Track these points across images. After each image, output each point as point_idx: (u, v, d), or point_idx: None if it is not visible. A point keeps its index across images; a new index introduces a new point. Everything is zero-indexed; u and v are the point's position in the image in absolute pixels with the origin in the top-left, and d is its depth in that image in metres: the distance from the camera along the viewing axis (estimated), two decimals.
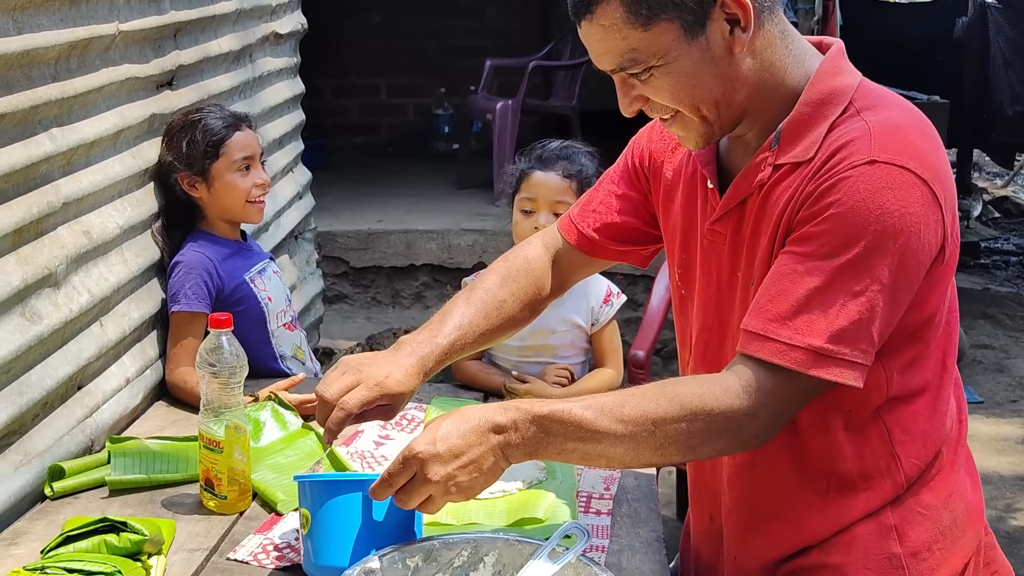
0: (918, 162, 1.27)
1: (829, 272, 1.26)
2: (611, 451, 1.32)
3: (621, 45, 1.33)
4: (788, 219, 1.33)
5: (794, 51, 1.39)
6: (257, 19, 3.06)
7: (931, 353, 1.39)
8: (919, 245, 1.26)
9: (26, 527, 1.70)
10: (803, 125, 1.35)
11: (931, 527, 1.42)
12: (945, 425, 1.44)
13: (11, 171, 1.80)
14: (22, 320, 1.82)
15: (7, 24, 1.78)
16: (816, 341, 1.26)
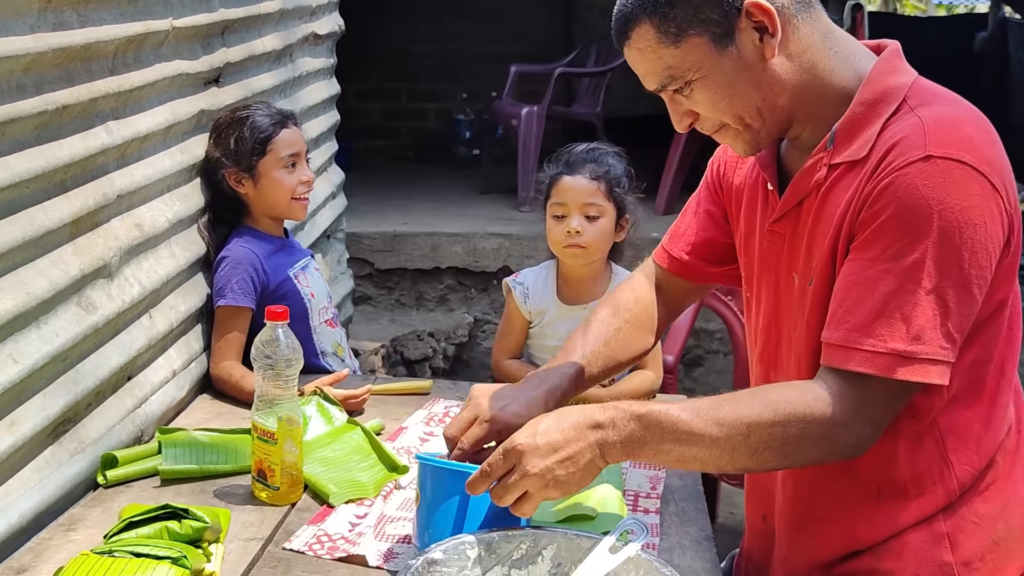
0: (974, 155, 1.27)
1: (899, 274, 1.27)
2: (706, 454, 1.33)
3: (658, 64, 1.39)
4: (850, 222, 1.33)
5: (842, 52, 1.40)
6: (298, 19, 3.09)
7: (991, 356, 1.39)
8: (986, 237, 1.27)
9: (82, 513, 1.72)
10: (857, 124, 1.36)
11: (985, 537, 1.41)
12: (1001, 433, 1.43)
13: (71, 162, 1.82)
14: (78, 310, 1.83)
15: (72, 17, 1.81)
16: (899, 345, 1.27)
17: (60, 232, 1.80)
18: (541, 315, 2.33)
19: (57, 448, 1.77)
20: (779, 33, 1.35)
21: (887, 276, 1.28)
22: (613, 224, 2.26)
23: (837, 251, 1.36)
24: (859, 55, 1.41)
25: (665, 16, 1.36)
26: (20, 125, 1.68)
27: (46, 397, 1.73)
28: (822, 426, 1.30)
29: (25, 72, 1.69)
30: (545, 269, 2.37)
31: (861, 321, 1.29)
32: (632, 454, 1.36)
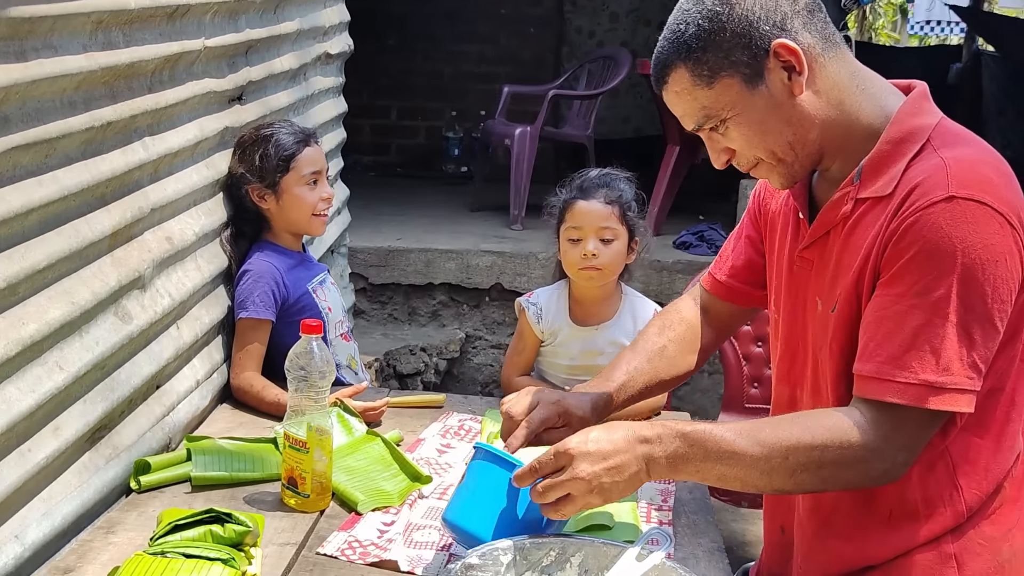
0: (993, 196, 1.35)
1: (927, 308, 1.35)
2: (746, 473, 1.41)
3: (694, 105, 1.49)
4: (876, 257, 1.42)
5: (870, 91, 1.49)
6: (312, 39, 3.17)
7: (1003, 387, 1.46)
8: (1007, 273, 1.35)
9: (119, 517, 1.78)
10: (883, 161, 1.45)
11: (990, 559, 1.48)
12: (1009, 461, 1.50)
13: (112, 176, 1.89)
14: (116, 319, 1.90)
15: (119, 37, 1.88)
16: (929, 376, 1.35)
17: (100, 244, 1.86)
18: (554, 335, 2.41)
19: (94, 454, 1.83)
20: (806, 71, 1.44)
21: (915, 311, 1.36)
22: (626, 246, 2.35)
23: (863, 283, 1.44)
24: (887, 93, 1.50)
25: (698, 60, 1.45)
26: (69, 140, 1.75)
27: (86, 404, 1.79)
28: (858, 452, 1.38)
29: (76, 90, 1.76)
30: (557, 290, 2.45)
31: (893, 354, 1.37)
32: (675, 470, 1.45)
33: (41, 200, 1.66)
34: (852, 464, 1.40)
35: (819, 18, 1.48)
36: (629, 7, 7.69)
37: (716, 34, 1.44)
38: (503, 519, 1.53)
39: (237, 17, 2.47)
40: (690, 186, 5.83)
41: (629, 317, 2.40)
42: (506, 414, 1.68)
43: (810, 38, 1.45)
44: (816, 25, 1.47)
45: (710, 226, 5.18)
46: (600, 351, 2.38)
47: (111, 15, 1.82)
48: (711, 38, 1.45)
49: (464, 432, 2.24)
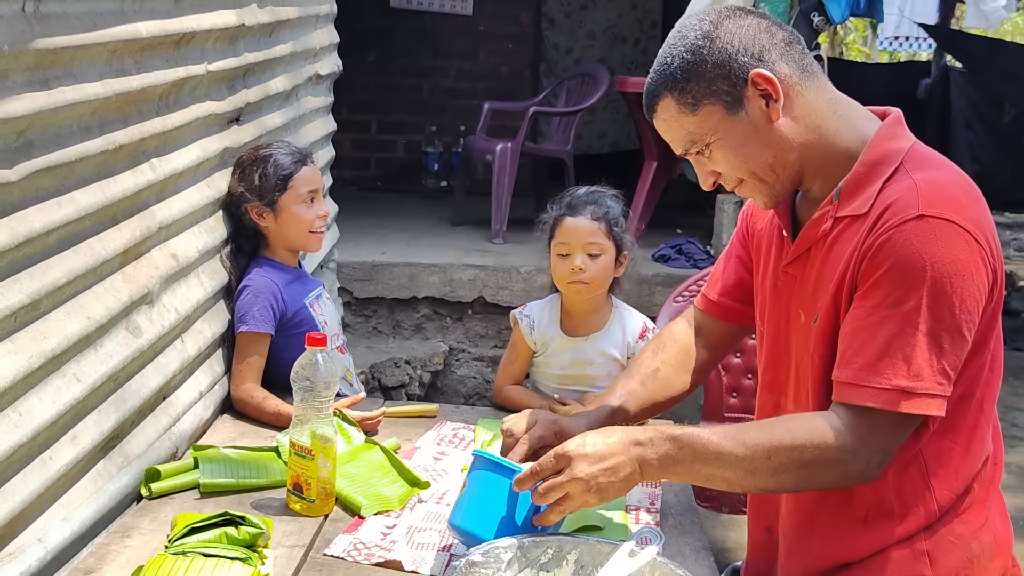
0: (961, 215, 1.46)
1: (899, 318, 1.46)
2: (732, 473, 1.52)
3: (680, 131, 1.62)
4: (852, 271, 1.53)
5: (847, 116, 1.61)
6: (304, 61, 3.26)
7: (973, 393, 1.57)
8: (973, 286, 1.46)
9: (133, 522, 1.86)
10: (860, 183, 1.56)
11: (960, 555, 1.59)
12: (977, 463, 1.60)
13: (123, 197, 1.98)
14: (127, 334, 1.98)
15: (131, 64, 1.97)
16: (902, 382, 1.46)
17: (113, 262, 1.95)
18: (545, 345, 2.51)
19: (107, 462, 1.91)
20: (782, 98, 1.56)
21: (888, 321, 1.47)
22: (613, 261, 2.45)
23: (841, 296, 1.55)
24: (864, 119, 1.62)
25: (683, 90, 1.58)
26: (86, 163, 1.84)
27: (101, 414, 1.88)
28: (835, 453, 1.49)
29: (92, 115, 1.85)
30: (549, 303, 2.55)
31: (868, 361, 1.48)
32: (667, 471, 1.56)
33: (60, 220, 1.75)
34: (830, 464, 1.50)
35: (796, 50, 1.60)
36: (606, 24, 7.83)
37: (698, 66, 1.57)
38: (505, 521, 1.63)
39: (236, 42, 2.56)
40: (668, 200, 5.96)
41: (619, 329, 2.51)
42: (507, 432, 1.80)
43: (787, 68, 1.58)
44: (793, 56, 1.59)
45: (688, 239, 5.30)
46: (590, 361, 2.49)
47: (124, 44, 1.91)
48: (694, 69, 1.57)
49: (458, 440, 2.33)
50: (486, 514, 1.64)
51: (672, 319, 3.39)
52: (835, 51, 15.25)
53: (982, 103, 8.16)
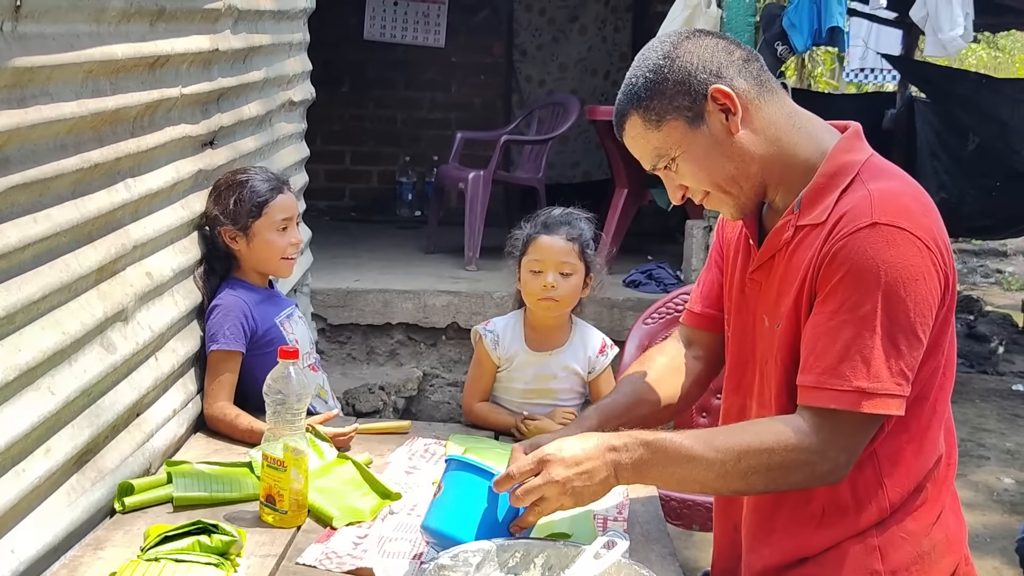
0: (911, 222, 1.53)
1: (856, 323, 1.53)
2: (704, 475, 1.58)
3: (647, 147, 1.70)
4: (811, 277, 1.59)
5: (806, 129, 1.68)
6: (277, 87, 3.31)
7: (927, 395, 1.63)
8: (926, 290, 1.53)
9: (106, 535, 1.88)
10: (819, 193, 1.64)
11: (911, 550, 1.65)
12: (929, 463, 1.66)
13: (98, 215, 2.01)
14: (101, 349, 2.01)
15: (106, 85, 2.01)
16: (862, 383, 1.52)
17: (88, 278, 1.98)
18: (510, 360, 2.56)
19: (81, 476, 1.93)
20: (740, 111, 1.63)
21: (846, 326, 1.54)
22: (582, 281, 2.51)
23: (801, 302, 1.62)
24: (824, 132, 1.69)
25: (647, 107, 1.66)
26: (61, 181, 1.87)
27: (75, 428, 1.90)
28: (802, 455, 1.55)
29: (68, 134, 1.89)
30: (513, 318, 2.60)
31: (829, 365, 1.55)
32: (641, 475, 1.61)
33: (36, 236, 1.78)
34: (799, 467, 1.56)
35: (754, 67, 1.68)
36: (577, 57, 7.95)
37: (660, 84, 1.65)
38: (482, 523, 1.66)
39: (211, 67, 2.61)
40: (639, 228, 6.04)
41: (580, 344, 2.57)
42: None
43: (744, 84, 1.65)
44: (751, 72, 1.66)
45: (658, 265, 5.37)
46: (553, 375, 2.54)
47: (100, 65, 1.96)
48: (656, 88, 1.65)
49: (429, 455, 2.36)
50: (462, 516, 1.67)
51: (642, 340, 3.47)
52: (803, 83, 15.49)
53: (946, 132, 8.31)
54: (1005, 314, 8.38)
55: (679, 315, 3.47)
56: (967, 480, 4.78)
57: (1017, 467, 4.98)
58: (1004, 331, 7.83)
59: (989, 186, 7.84)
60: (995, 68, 18.49)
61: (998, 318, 8.22)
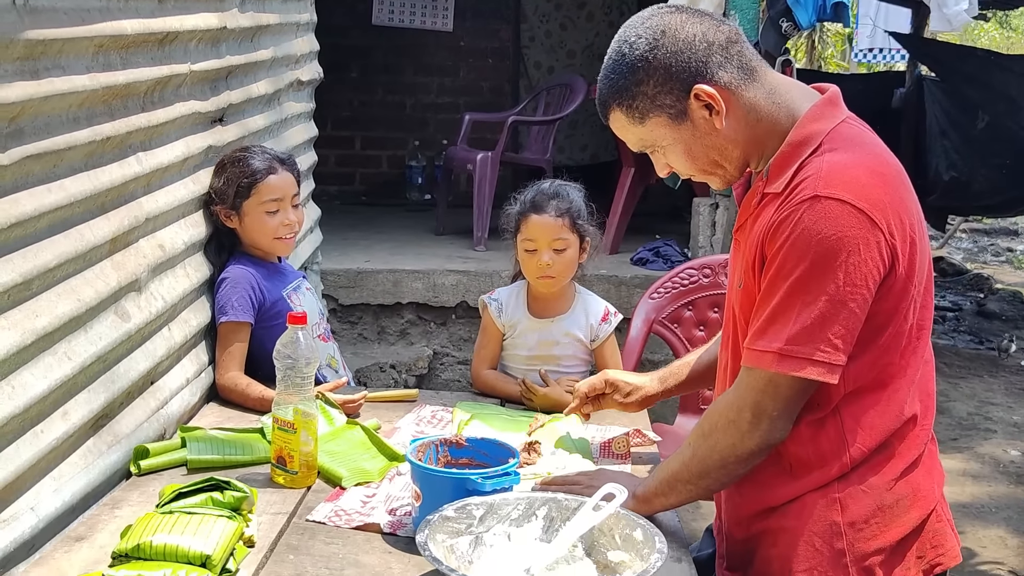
0: (856, 194, 1.57)
1: (784, 289, 1.60)
2: (686, 492, 1.78)
3: (632, 138, 1.77)
4: (762, 244, 1.65)
5: (784, 101, 1.70)
6: (285, 67, 3.36)
7: (892, 360, 1.67)
8: (860, 261, 1.56)
9: (123, 496, 1.94)
10: (784, 162, 1.67)
11: (870, 503, 1.69)
12: (895, 422, 1.70)
13: (110, 187, 2.07)
14: (116, 318, 2.07)
15: (117, 60, 2.06)
16: (777, 344, 1.60)
17: (102, 248, 2.04)
18: (513, 327, 2.61)
19: (97, 440, 1.99)
20: (724, 109, 1.67)
21: (776, 291, 1.61)
22: (577, 251, 2.56)
23: (755, 267, 1.68)
24: (801, 100, 1.70)
25: (630, 105, 1.71)
26: (74, 153, 1.93)
27: (91, 393, 1.96)
28: (730, 413, 1.68)
29: (80, 107, 1.94)
30: (517, 287, 2.66)
31: (758, 328, 1.63)
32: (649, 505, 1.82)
33: (50, 206, 1.84)
34: (727, 426, 1.68)
35: (736, 49, 1.69)
36: (584, 44, 7.97)
37: (642, 83, 1.69)
38: None
39: (219, 44, 2.66)
40: (647, 208, 6.07)
41: (582, 312, 2.62)
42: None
43: (727, 74, 1.67)
44: (733, 58, 1.68)
45: (666, 242, 5.41)
46: (556, 341, 2.59)
47: (111, 39, 2.01)
48: (638, 87, 1.69)
49: (437, 421, 2.42)
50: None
51: (649, 315, 3.51)
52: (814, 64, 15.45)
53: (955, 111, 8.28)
54: (1015, 291, 8.40)
55: (685, 289, 3.54)
56: (974, 452, 4.82)
57: (1023, 439, 5.02)
58: (1013, 308, 7.85)
59: (999, 164, 7.82)
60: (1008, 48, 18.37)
61: (1008, 295, 8.24)
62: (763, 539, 1.77)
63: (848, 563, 1.69)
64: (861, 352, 1.64)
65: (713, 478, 1.75)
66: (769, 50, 4.66)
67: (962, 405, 5.54)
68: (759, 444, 1.67)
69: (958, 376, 6.10)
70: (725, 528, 1.87)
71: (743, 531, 1.81)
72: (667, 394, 2.24)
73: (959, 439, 5.04)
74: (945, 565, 1.76)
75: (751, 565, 1.80)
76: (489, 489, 1.73)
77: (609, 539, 1.67)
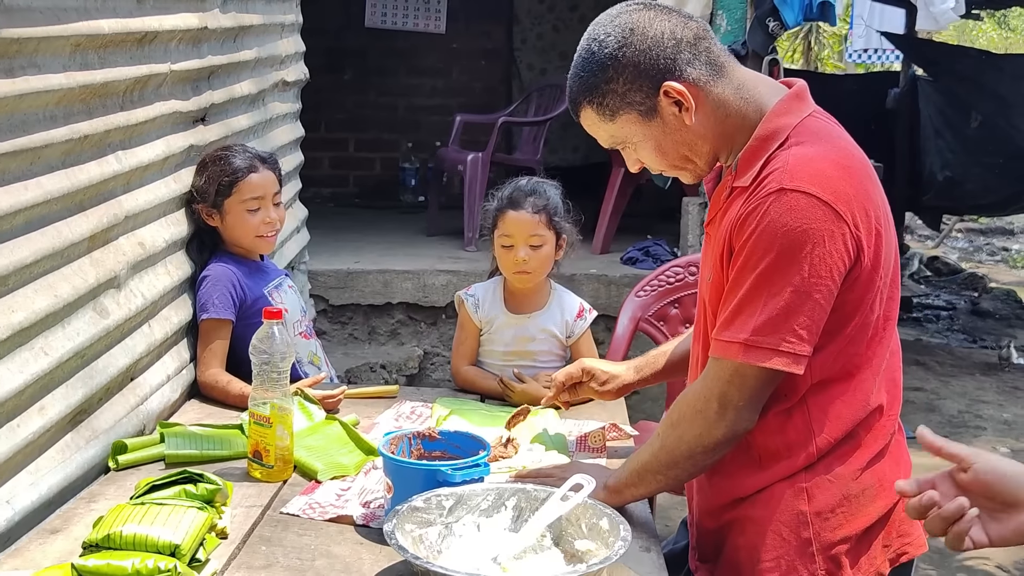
0: (821, 187, 1.59)
1: (751, 281, 1.62)
2: (655, 482, 1.80)
3: (603, 135, 1.79)
4: (730, 239, 1.67)
5: (753, 96, 1.73)
6: (270, 67, 3.39)
7: (858, 351, 1.69)
8: (824, 252, 1.58)
9: (100, 490, 1.96)
10: (751, 156, 1.70)
11: (837, 493, 1.71)
12: (861, 412, 1.72)
13: (88, 185, 2.09)
14: (94, 314, 2.09)
15: (94, 59, 2.09)
16: (743, 335, 1.62)
17: (80, 246, 2.06)
18: (490, 323, 2.64)
19: (75, 435, 2.01)
20: (693, 105, 1.69)
21: (742, 283, 1.63)
22: (554, 248, 2.58)
23: (723, 260, 1.70)
24: (771, 95, 1.73)
25: (600, 103, 1.73)
26: (51, 150, 1.95)
27: (68, 388, 1.98)
28: (697, 403, 1.70)
29: (57, 105, 1.96)
30: (493, 284, 2.69)
31: (725, 319, 1.66)
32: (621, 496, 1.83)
33: (27, 203, 1.86)
34: (694, 416, 1.70)
35: (704, 46, 1.71)
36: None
37: (612, 81, 1.70)
38: None
39: (200, 44, 2.69)
40: (640, 208, 6.10)
41: (558, 308, 2.65)
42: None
43: (695, 71, 1.69)
44: (702, 54, 1.70)
45: (655, 242, 5.43)
46: (532, 337, 2.62)
47: (87, 38, 2.03)
48: (608, 85, 1.71)
49: (416, 416, 2.44)
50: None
51: (635, 312, 3.53)
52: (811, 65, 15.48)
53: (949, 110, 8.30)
54: (1009, 290, 8.42)
55: (671, 287, 3.56)
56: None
57: (1013, 437, 5.04)
58: (1007, 307, 7.87)
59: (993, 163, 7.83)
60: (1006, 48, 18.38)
61: (1002, 294, 8.26)
62: (732, 529, 1.79)
63: (814, 552, 1.71)
64: (827, 343, 1.67)
65: (682, 468, 1.77)
66: (756, 50, 4.69)
67: (953, 403, 5.56)
68: (725, 434, 1.69)
69: (950, 375, 6.12)
70: (696, 520, 1.90)
71: (713, 522, 1.83)
72: (644, 383, 2.26)
73: (949, 436, 5.02)
74: (912, 554, 1.78)
75: (721, 555, 1.82)
76: (459, 480, 1.75)
77: (576, 528, 1.68)
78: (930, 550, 4.19)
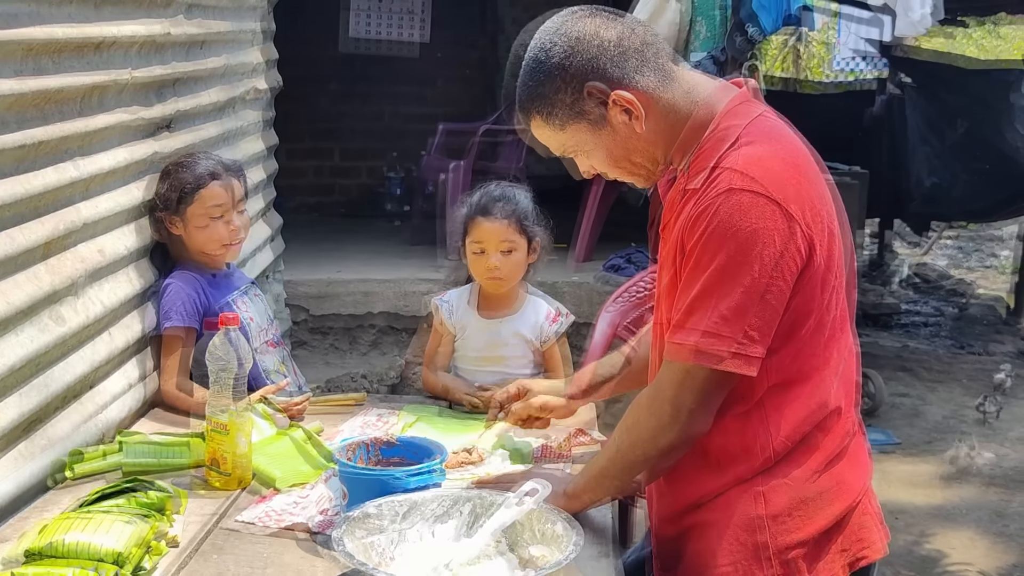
0: (771, 186, 1.57)
1: (701, 282, 1.60)
2: (611, 486, 1.80)
3: (554, 143, 1.76)
4: (682, 240, 1.65)
5: (704, 98, 1.71)
6: (241, 75, 3.37)
7: (813, 352, 1.67)
8: (775, 252, 1.56)
9: (54, 498, 1.94)
10: (702, 158, 1.68)
11: (792, 496, 1.69)
12: (818, 414, 1.70)
13: (44, 191, 2.07)
14: (50, 322, 2.07)
15: (49, 64, 2.07)
16: (694, 338, 1.59)
17: (35, 252, 2.04)
18: (463, 328, 2.62)
19: (30, 443, 1.99)
20: (643, 114, 1.68)
21: (693, 284, 1.61)
22: (526, 253, 2.56)
23: (677, 262, 1.68)
24: (720, 95, 1.71)
25: (549, 113, 1.71)
26: (3, 156, 1.93)
27: (22, 396, 1.96)
28: (653, 405, 1.67)
29: (9, 110, 1.94)
30: (466, 289, 2.66)
31: (677, 321, 1.63)
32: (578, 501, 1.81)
33: None
34: (646, 419, 1.68)
35: (652, 52, 1.69)
36: None
37: (559, 91, 1.68)
38: None
39: (163, 51, 2.67)
40: (625, 217, 6.08)
41: (531, 312, 2.62)
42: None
43: (645, 79, 1.67)
44: (649, 61, 1.68)
45: (637, 249, 5.42)
46: (504, 342, 2.59)
47: (41, 44, 2.02)
48: (556, 95, 1.68)
49: (382, 423, 2.41)
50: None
51: (613, 319, 3.51)
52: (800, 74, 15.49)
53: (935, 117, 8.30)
54: (998, 296, 8.40)
55: (648, 295, 3.54)
56: (947, 456, 4.81)
57: (996, 443, 5.01)
58: (994, 314, 7.85)
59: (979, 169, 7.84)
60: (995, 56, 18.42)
61: (990, 300, 8.25)
62: (691, 535, 1.77)
63: (770, 556, 1.68)
64: (783, 344, 1.64)
65: (637, 471, 1.75)
66: (735, 56, 4.69)
67: (938, 409, 5.54)
68: (679, 437, 1.67)
69: (936, 380, 6.10)
70: (656, 527, 1.87)
71: (673, 528, 1.81)
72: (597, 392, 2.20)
73: (933, 442, 5.03)
74: (870, 558, 1.76)
75: (680, 562, 1.80)
76: (412, 486, 1.73)
77: (531, 534, 1.66)
78: (912, 557, 4.14)
